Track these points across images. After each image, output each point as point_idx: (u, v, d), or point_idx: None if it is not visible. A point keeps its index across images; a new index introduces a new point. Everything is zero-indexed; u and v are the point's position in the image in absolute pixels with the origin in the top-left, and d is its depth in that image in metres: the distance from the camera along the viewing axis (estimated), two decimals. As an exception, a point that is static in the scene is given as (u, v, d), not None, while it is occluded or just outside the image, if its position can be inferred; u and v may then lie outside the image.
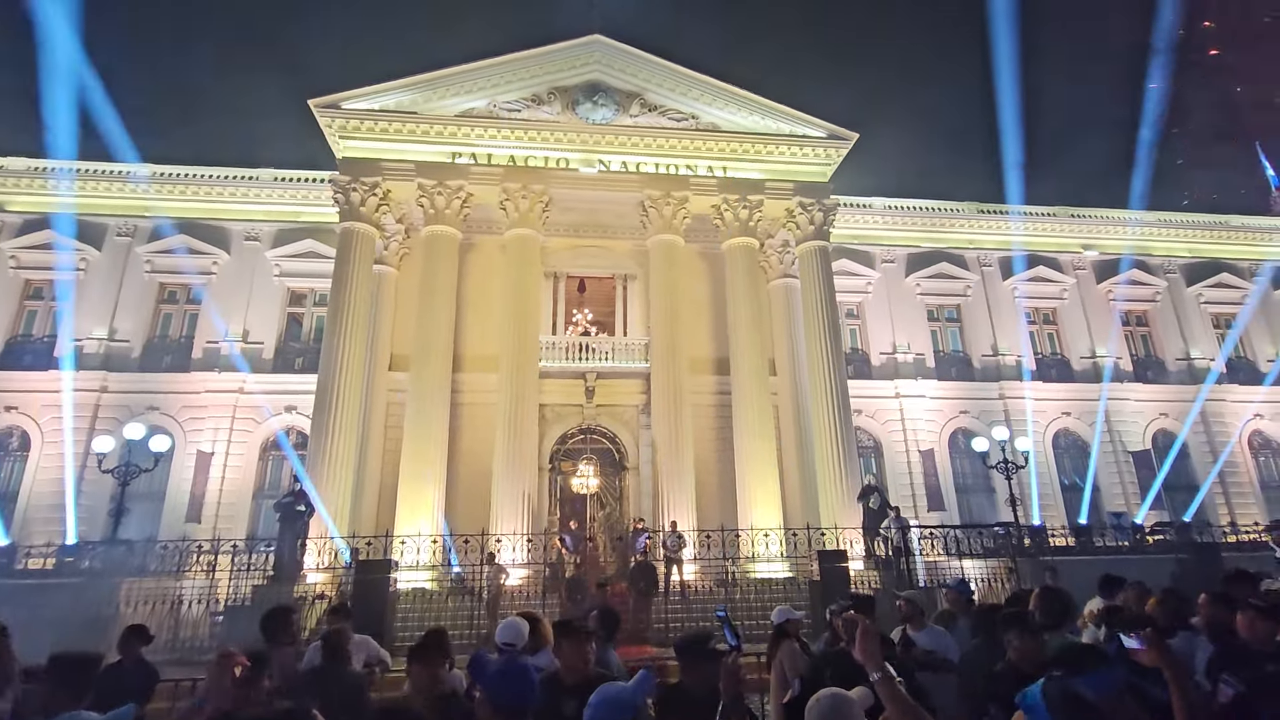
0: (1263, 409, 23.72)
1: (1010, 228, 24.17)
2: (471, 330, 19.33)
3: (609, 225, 20.77)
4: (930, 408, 22.33)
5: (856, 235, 23.49)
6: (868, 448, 21.64)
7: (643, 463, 19.07)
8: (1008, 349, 23.28)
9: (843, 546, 14.49)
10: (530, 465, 17.03)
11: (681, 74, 19.78)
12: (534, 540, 15.40)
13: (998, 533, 16.12)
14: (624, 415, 19.81)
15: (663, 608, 13.34)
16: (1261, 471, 23.46)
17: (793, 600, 13.24)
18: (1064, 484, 22.25)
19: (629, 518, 17.97)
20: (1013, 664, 3.12)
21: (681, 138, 19.70)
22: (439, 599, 13.79)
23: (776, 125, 20.07)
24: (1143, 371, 23.98)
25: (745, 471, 17.62)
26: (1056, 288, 24.41)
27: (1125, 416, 22.96)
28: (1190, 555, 14.41)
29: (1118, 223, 25.25)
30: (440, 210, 18.25)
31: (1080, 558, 15.25)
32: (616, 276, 21.31)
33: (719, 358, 19.68)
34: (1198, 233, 25.68)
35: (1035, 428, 21.96)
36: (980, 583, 14.32)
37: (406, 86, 18.84)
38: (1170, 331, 24.60)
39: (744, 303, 18.86)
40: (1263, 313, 25.10)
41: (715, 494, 18.36)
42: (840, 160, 20.28)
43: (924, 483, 21.21)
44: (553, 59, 19.69)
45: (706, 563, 14.98)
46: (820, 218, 19.51)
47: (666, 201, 19.04)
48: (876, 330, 23.14)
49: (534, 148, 19.21)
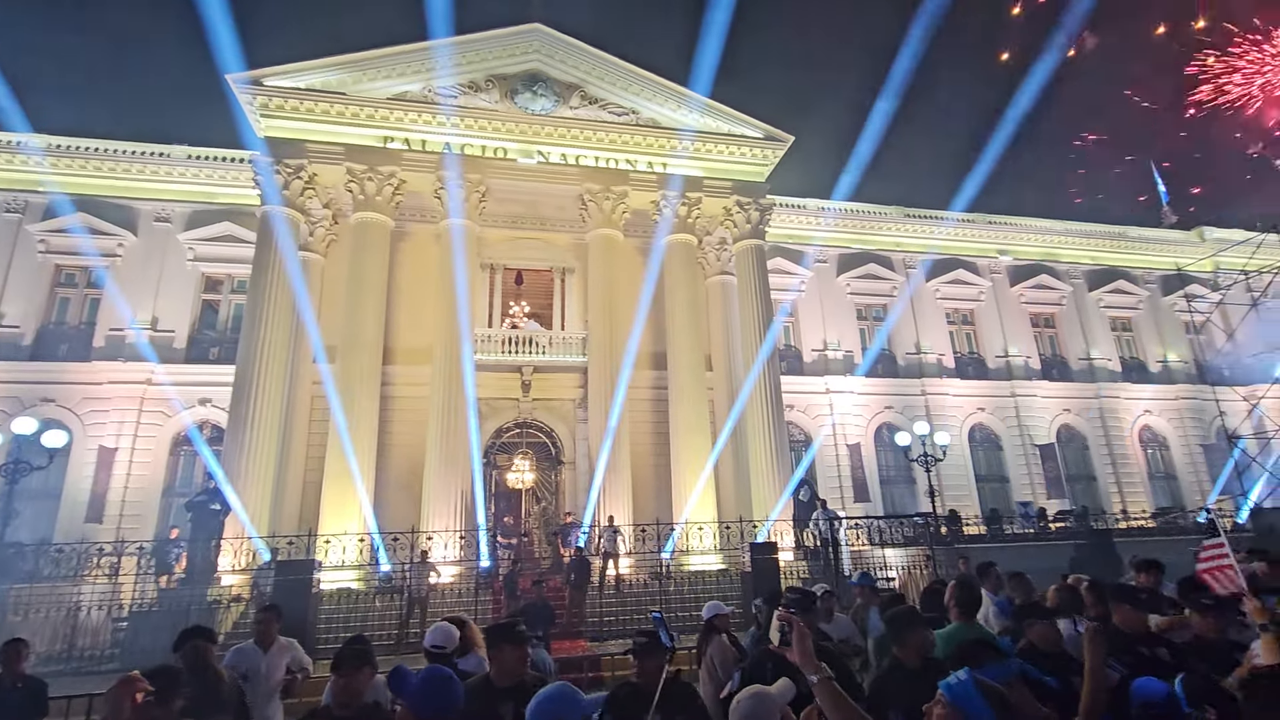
0: (1151, 405, 25.83)
1: (933, 232, 25.38)
2: (403, 321, 18.75)
3: (548, 218, 20.54)
4: (858, 403, 23.22)
5: (791, 235, 24.09)
6: (799, 441, 22.29)
7: (579, 457, 19.03)
8: (930, 347, 24.46)
9: (774, 538, 14.91)
10: (464, 460, 16.70)
11: (622, 68, 19.73)
12: (467, 537, 15.13)
13: (917, 522, 16.95)
14: (561, 409, 19.70)
15: (597, 602, 13.39)
16: (1149, 463, 25.57)
17: (725, 592, 13.58)
18: (978, 475, 23.60)
19: (564, 512, 17.92)
20: (900, 661, 3.29)
21: (622, 132, 19.66)
22: (366, 599, 13.37)
23: (715, 124, 20.31)
24: (1049, 370, 25.67)
25: (681, 465, 17.85)
26: (974, 290, 25.78)
27: (1033, 412, 24.54)
28: (1087, 541, 15.58)
29: (1029, 230, 26.88)
30: (371, 196, 17.58)
31: (990, 545, 16.23)
32: (555, 270, 21.11)
33: (656, 352, 19.82)
34: (1099, 242, 27.63)
35: (953, 422, 23.20)
36: (901, 570, 15.07)
37: (335, 66, 18.02)
38: (1074, 333, 26.41)
39: (682, 299, 19.06)
40: (1153, 317, 27.30)
41: (651, 488, 18.53)
42: (776, 161, 20.72)
43: (851, 475, 22.07)
44: (491, 46, 19.26)
45: (641, 556, 15.11)
46: (756, 217, 19.90)
47: (606, 196, 18.98)
48: (809, 328, 23.84)
49: (471, 136, 18.76)
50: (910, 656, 3.19)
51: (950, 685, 1.74)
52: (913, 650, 3.21)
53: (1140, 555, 6.42)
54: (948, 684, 1.76)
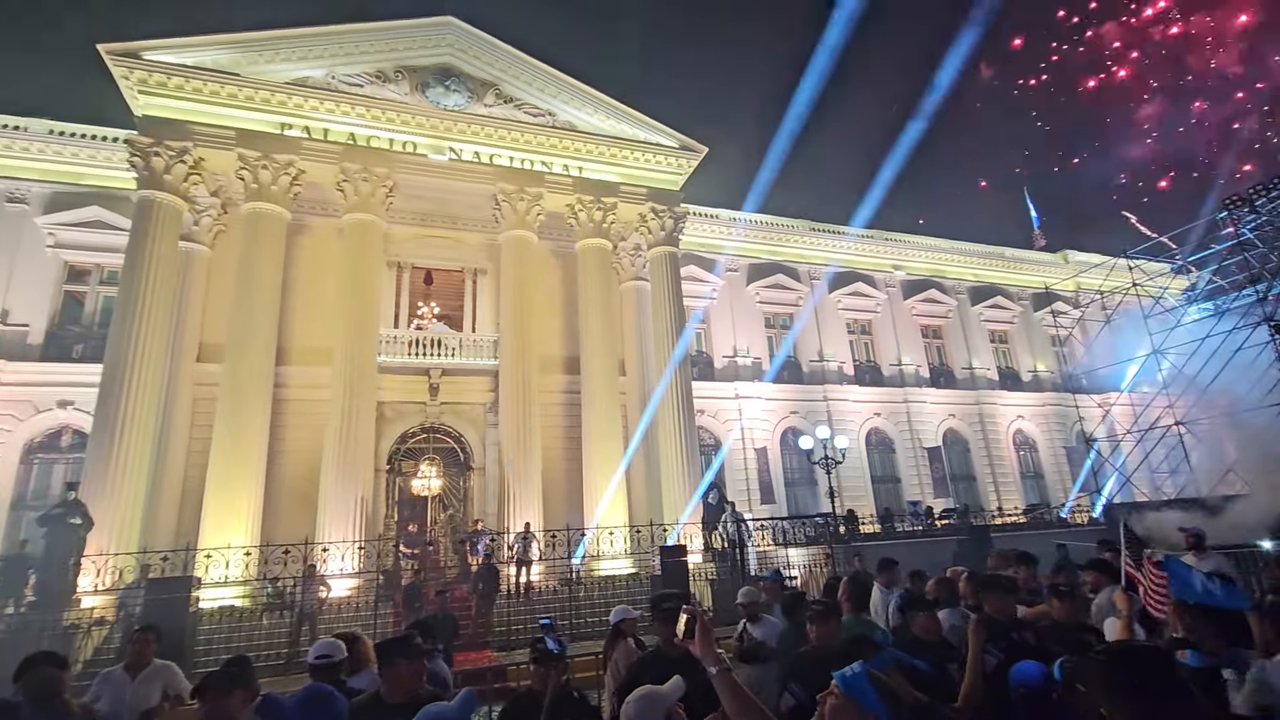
0: (1023, 411, 28.30)
1: (835, 246, 26.74)
2: (301, 320, 17.68)
3: (460, 216, 20.00)
4: (765, 408, 24.05)
5: (704, 244, 24.65)
6: (709, 445, 22.79)
7: (489, 462, 18.59)
8: (832, 355, 25.71)
9: (684, 541, 15.15)
10: (365, 467, 15.93)
11: (540, 69, 19.55)
12: (367, 547, 14.42)
13: (818, 522, 17.73)
14: (470, 413, 19.18)
15: (506, 611, 13.11)
16: (1021, 464, 27.98)
17: (635, 596, 13.65)
18: (874, 476, 25.00)
19: (473, 520, 17.45)
20: (819, 648, 3.46)
21: (538, 133, 19.47)
22: (252, 616, 12.45)
23: (632, 131, 20.50)
24: (937, 378, 27.59)
25: (593, 470, 17.82)
26: (872, 302, 27.35)
27: (923, 417, 26.28)
28: (968, 537, 16.82)
29: (921, 248, 28.84)
30: (265, 186, 16.48)
31: (883, 542, 17.22)
32: (466, 270, 20.57)
33: (570, 356, 19.71)
34: (980, 260, 30.04)
35: (852, 427, 24.47)
36: (803, 568, 15.72)
37: (228, 44, 16.79)
38: (958, 344, 28.54)
39: (595, 303, 19.07)
40: (1026, 331, 29.95)
41: (563, 493, 18.37)
42: (691, 171, 21.17)
43: (758, 478, 22.79)
44: (402, 36, 18.57)
45: (552, 563, 14.94)
46: (671, 224, 20.24)
47: (521, 196, 18.72)
48: (720, 334, 24.47)
49: (378, 128, 17.99)
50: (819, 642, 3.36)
51: (844, 676, 1.82)
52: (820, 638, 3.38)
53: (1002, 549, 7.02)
54: (842, 675, 1.84)
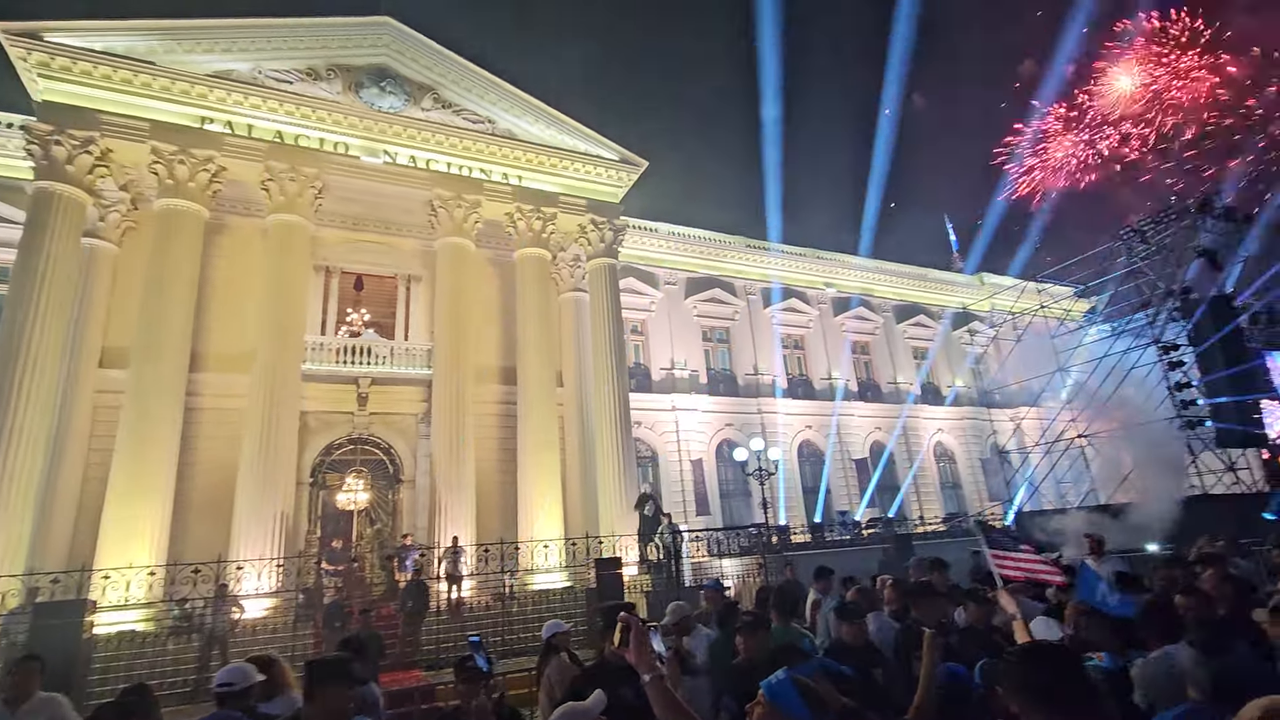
0: (943, 424, 29.76)
1: (771, 263, 27.50)
2: (218, 324, 16.72)
3: (394, 221, 19.45)
4: (702, 420, 24.36)
5: (644, 257, 24.86)
6: (646, 457, 22.86)
7: (420, 474, 18.02)
8: (766, 369, 26.33)
9: (619, 553, 15.10)
10: (286, 480, 15.14)
11: (479, 75, 19.33)
12: (286, 565, 13.69)
13: (752, 533, 18.03)
14: (401, 424, 18.57)
15: (435, 628, 12.68)
16: (941, 475, 29.37)
17: (569, 610, 13.48)
18: (805, 487, 25.68)
19: (402, 534, 16.84)
20: (748, 659, 3.51)
21: (477, 140, 19.20)
22: (156, 641, 11.57)
23: (573, 142, 20.51)
24: (865, 392, 28.68)
25: (528, 482, 17.55)
26: (805, 318, 28.23)
27: (851, 430, 27.23)
28: (893, 545, 17.49)
29: (851, 266, 30.01)
30: (182, 182, 15.55)
31: (814, 551, 17.68)
32: (400, 276, 19.99)
33: (506, 367, 19.41)
34: (905, 280, 31.53)
35: (784, 439, 25.09)
36: (736, 579, 15.94)
37: (144, 31, 15.83)
38: (884, 360, 29.79)
39: (534, 313, 18.88)
40: (946, 349, 31.56)
41: (497, 506, 18.01)
42: (631, 183, 21.34)
43: (693, 489, 23.01)
44: (336, 33, 18.00)
45: (484, 578, 14.57)
46: (611, 236, 20.31)
47: (458, 203, 18.39)
48: (657, 347, 24.67)
49: (308, 126, 17.32)
50: (748, 654, 3.39)
51: (770, 684, 1.85)
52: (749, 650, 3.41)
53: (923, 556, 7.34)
54: (768, 683, 1.87)
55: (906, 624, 3.77)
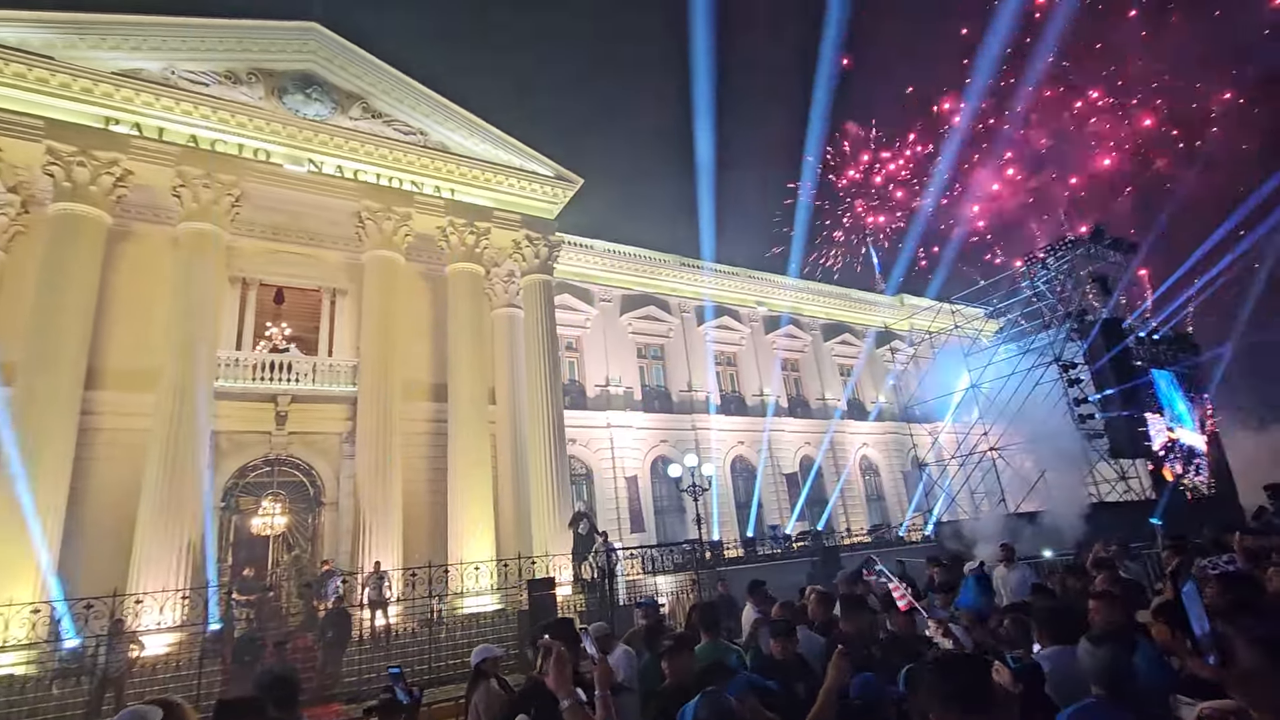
0: (868, 439, 30.94)
1: (704, 281, 28.04)
2: (120, 338, 15.56)
3: (318, 233, 18.72)
4: (636, 437, 24.42)
5: (579, 273, 24.86)
6: (580, 475, 22.69)
7: (343, 496, 17.25)
8: (699, 386, 26.72)
9: (553, 574, 14.88)
10: (194, 505, 14.16)
11: (411, 86, 18.98)
12: (192, 597, 12.77)
13: (686, 549, 18.15)
14: (323, 444, 17.74)
15: (357, 658, 12.11)
16: (866, 487, 30.46)
17: (500, 633, 13.17)
18: (738, 502, 26.09)
19: (322, 560, 16.03)
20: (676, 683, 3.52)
21: (408, 152, 18.80)
22: (39, 686, 10.54)
23: (508, 157, 20.39)
24: (794, 408, 29.51)
25: (459, 503, 17.09)
26: (737, 335, 28.87)
27: (782, 445, 27.93)
28: (821, 557, 17.97)
29: (781, 286, 30.97)
30: (82, 185, 14.49)
31: (746, 566, 17.94)
32: (324, 290, 19.21)
33: (437, 384, 18.91)
34: (831, 300, 32.79)
35: (718, 455, 25.47)
36: (670, 595, 15.96)
37: (40, 23, 14.74)
38: (813, 377, 30.78)
39: (466, 329, 18.52)
40: (869, 366, 32.93)
41: (426, 528, 17.44)
42: (567, 200, 21.36)
43: (628, 506, 22.98)
44: (258, 36, 17.30)
45: (411, 603, 14.04)
46: (545, 252, 20.23)
47: (387, 216, 17.90)
48: (592, 364, 24.64)
49: (226, 131, 16.52)
50: (674, 677, 3.39)
51: (690, 709, 1.88)
52: (674, 672, 3.42)
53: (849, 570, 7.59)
54: (683, 710, 1.90)
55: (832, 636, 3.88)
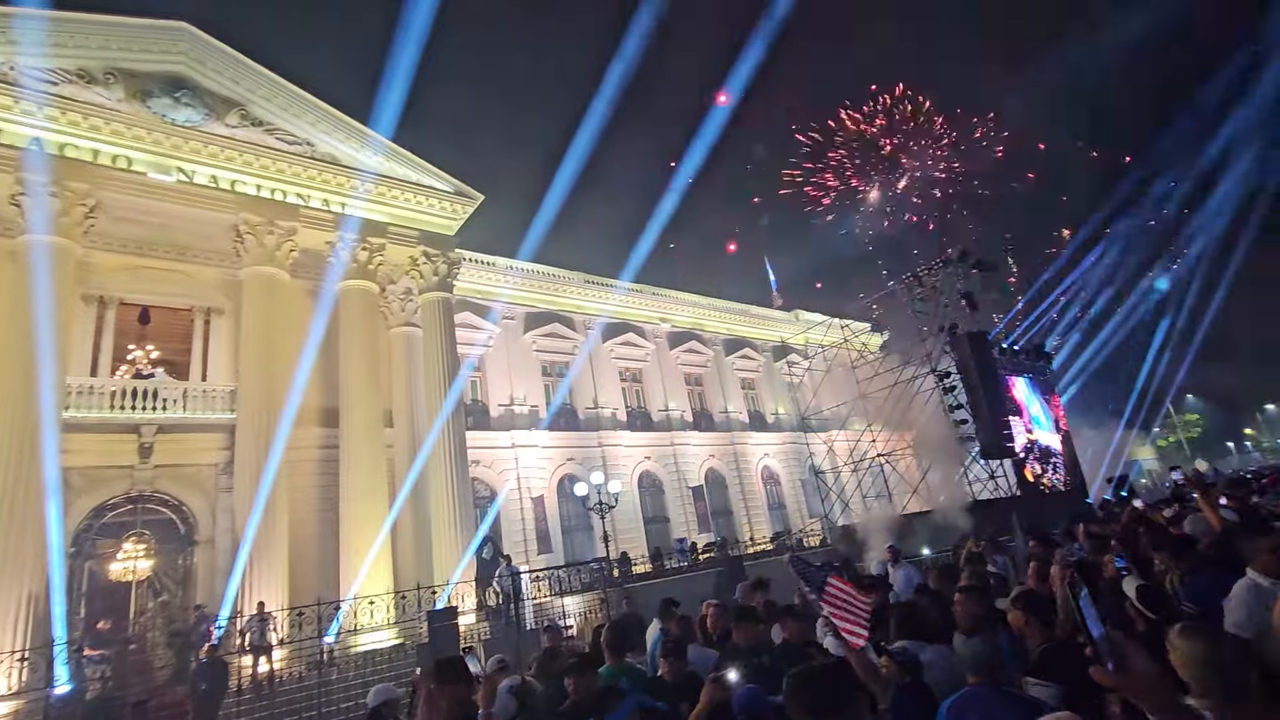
0: (769, 449, 32.11)
1: (608, 298, 28.24)
2: (-59, 365, 13.59)
3: (191, 247, 17.29)
4: (542, 456, 24.08)
5: (480, 290, 24.34)
6: (484, 497, 22.06)
7: (220, 533, 15.83)
8: (605, 402, 26.77)
9: (455, 602, 14.33)
10: (37, 553, 12.51)
11: (295, 93, 17.99)
12: (33, 657, 11.25)
13: (594, 568, 18.03)
14: (196, 477, 16.25)
15: (235, 710, 11.09)
16: (768, 496, 31.54)
17: (399, 669, 12.49)
18: (646, 517, 26.25)
19: (194, 605, 14.60)
20: (575, 702, 3.49)
21: (293, 163, 17.77)
22: None
23: (403, 171, 19.72)
24: (699, 421, 30.17)
25: (353, 534, 16.12)
26: (642, 351, 29.23)
27: (688, 458, 28.44)
28: (726, 568, 18.37)
29: (684, 302, 31.71)
30: (-107, 191, 12.63)
31: (654, 581, 18.05)
32: (197, 309, 17.71)
33: (327, 408, 17.83)
34: (732, 316, 33.93)
35: (625, 471, 25.56)
36: (579, 616, 15.77)
37: None
38: (715, 390, 31.63)
39: (359, 350, 17.63)
40: (769, 379, 34.27)
41: (316, 562, 16.34)
42: (466, 216, 20.90)
43: (535, 527, 22.57)
44: (118, 34, 15.84)
45: (299, 645, 13.05)
46: (445, 269, 19.66)
47: (269, 230, 16.80)
48: (496, 383, 24.12)
49: (77, 135, 14.96)
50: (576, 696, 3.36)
51: None
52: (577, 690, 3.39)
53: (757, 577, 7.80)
54: None
55: (725, 649, 3.96)
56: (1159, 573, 5.16)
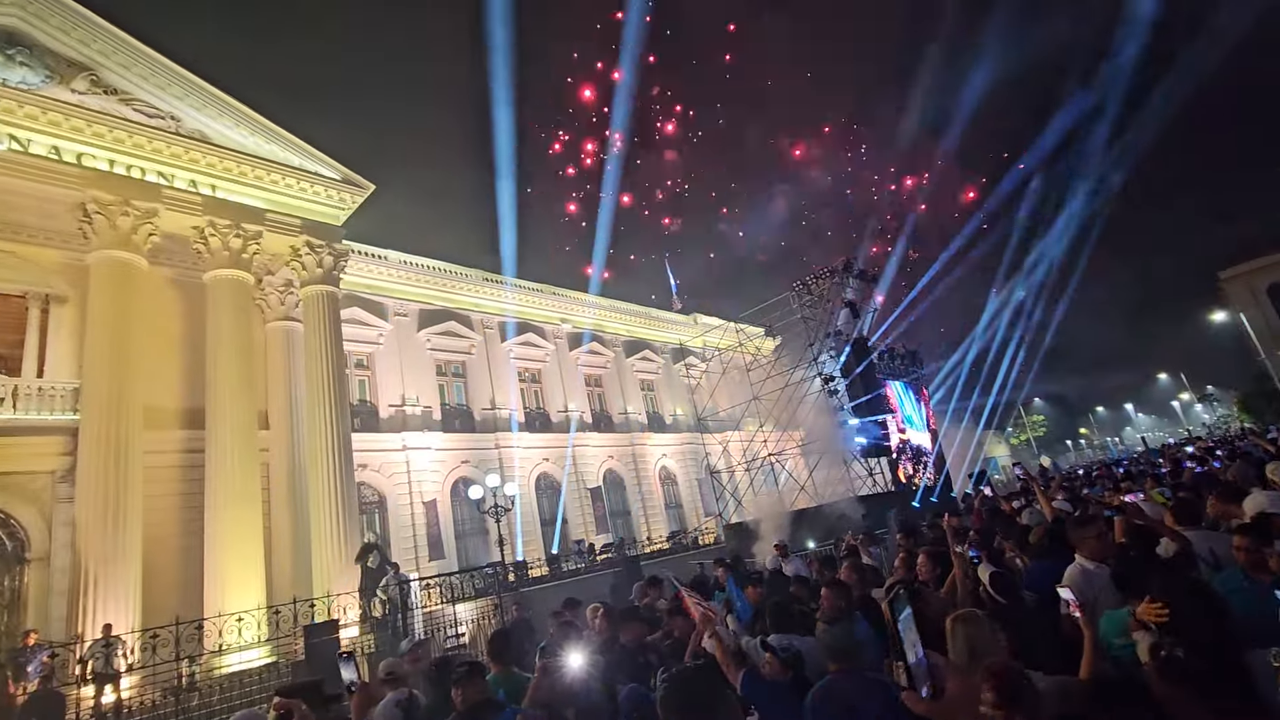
0: (667, 450, 32.69)
1: (508, 297, 27.70)
2: None
3: (25, 226, 15.25)
4: (436, 459, 23.20)
5: (371, 285, 23.14)
6: (372, 503, 20.99)
7: (58, 549, 14.03)
8: (503, 404, 26.22)
9: (336, 615, 13.51)
10: None
11: (159, 63, 16.33)
12: None
13: (488, 573, 17.58)
14: (29, 486, 14.33)
15: (73, 749, 9.87)
16: (665, 496, 32.10)
17: (271, 690, 11.59)
18: (543, 519, 25.94)
19: (26, 631, 12.85)
20: (458, 715, 3.38)
21: (154, 138, 16.11)
22: None
23: (285, 155, 18.39)
24: (598, 423, 30.22)
25: (220, 545, 14.80)
26: (541, 352, 28.88)
27: (586, 459, 28.40)
28: (624, 568, 18.49)
29: (584, 304, 31.65)
30: None
31: (551, 584, 17.88)
32: (32, 296, 15.63)
33: (192, 408, 16.30)
34: (632, 318, 34.27)
35: (522, 473, 25.14)
36: (471, 623, 15.32)
37: None
38: (615, 392, 31.82)
39: (230, 345, 16.20)
40: (668, 380, 34.90)
41: (177, 579, 14.89)
42: (356, 207, 19.80)
43: (426, 533, 21.71)
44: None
45: (154, 670, 11.80)
46: (331, 261, 18.51)
47: (124, 210, 15.12)
48: (386, 382, 23.00)
49: (-123, 89, 12.81)
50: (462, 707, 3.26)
51: None
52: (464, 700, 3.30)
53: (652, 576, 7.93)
54: None
55: (614, 651, 3.97)
56: (1009, 560, 5.74)
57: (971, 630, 2.87)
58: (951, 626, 2.91)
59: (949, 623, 2.94)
